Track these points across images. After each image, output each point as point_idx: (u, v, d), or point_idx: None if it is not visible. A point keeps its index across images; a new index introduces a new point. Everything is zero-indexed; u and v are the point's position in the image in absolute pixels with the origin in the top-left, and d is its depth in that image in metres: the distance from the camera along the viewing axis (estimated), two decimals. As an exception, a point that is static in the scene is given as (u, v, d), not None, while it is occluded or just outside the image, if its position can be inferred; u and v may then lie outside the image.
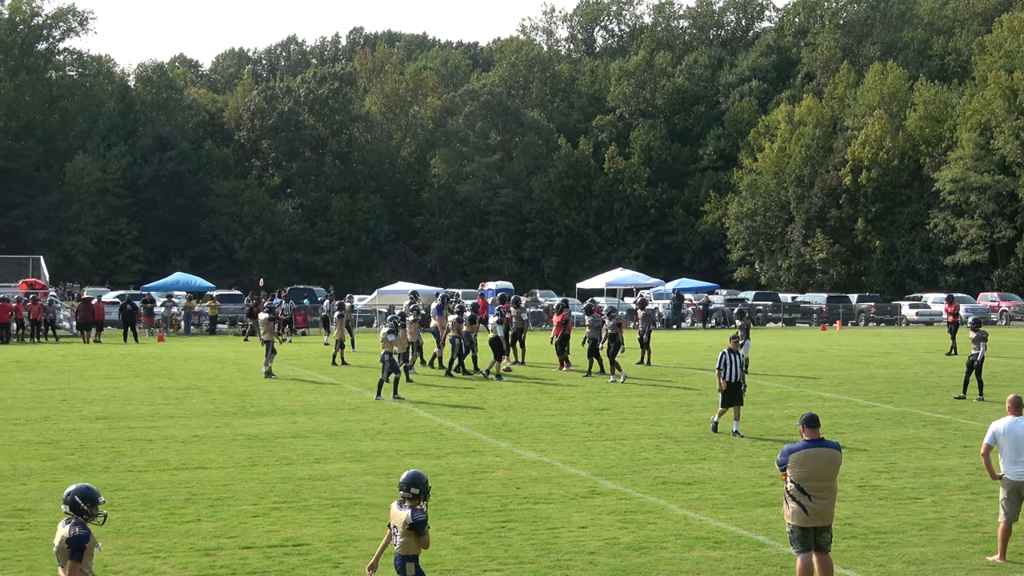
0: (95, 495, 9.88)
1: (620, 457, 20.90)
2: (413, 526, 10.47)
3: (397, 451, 21.37)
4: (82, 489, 9.87)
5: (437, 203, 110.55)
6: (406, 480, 10.66)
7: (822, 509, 12.27)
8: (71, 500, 9.81)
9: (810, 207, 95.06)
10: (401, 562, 10.62)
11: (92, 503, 9.84)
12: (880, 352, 46.85)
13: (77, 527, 9.67)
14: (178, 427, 24.32)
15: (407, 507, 10.62)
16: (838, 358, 43.94)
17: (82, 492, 9.84)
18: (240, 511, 16.34)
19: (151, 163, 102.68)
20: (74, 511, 9.80)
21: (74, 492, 9.84)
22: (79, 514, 9.80)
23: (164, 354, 44.70)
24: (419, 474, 10.76)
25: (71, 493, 9.84)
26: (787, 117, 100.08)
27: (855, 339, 56.82)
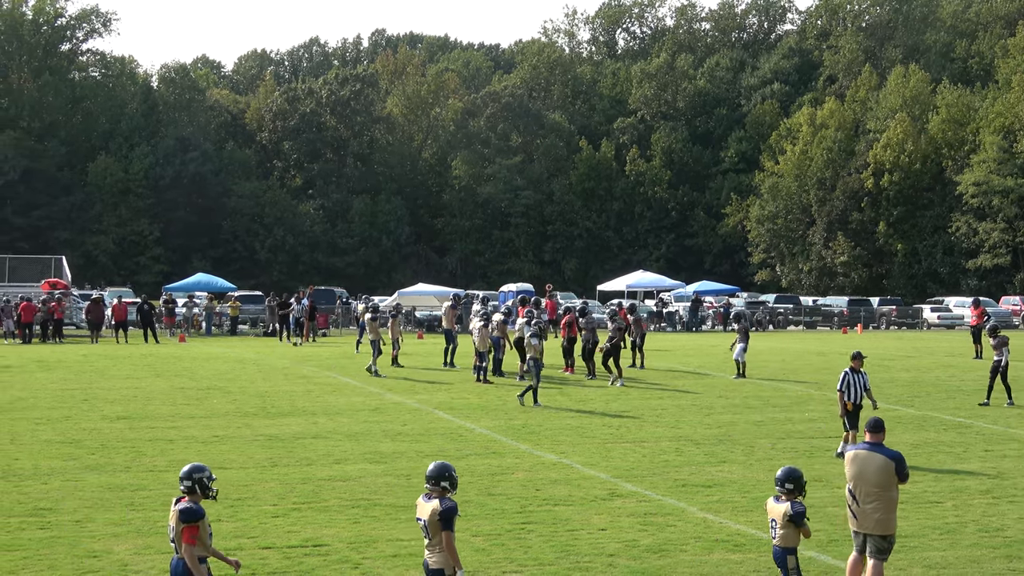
0: (210, 473, 10.26)
1: (640, 459, 20.87)
2: (442, 514, 10.36)
3: (417, 452, 21.37)
4: (202, 467, 10.22)
5: (458, 205, 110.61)
6: (433, 472, 10.55)
7: (868, 514, 12.23)
8: (199, 480, 10.11)
9: (831, 210, 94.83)
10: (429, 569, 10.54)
11: (211, 480, 10.22)
12: (901, 356, 46.67)
13: (192, 503, 9.99)
14: (199, 427, 24.38)
15: (434, 498, 10.53)
16: (859, 361, 43.78)
17: (208, 472, 10.21)
18: (260, 511, 16.37)
19: (173, 164, 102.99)
20: (201, 491, 10.13)
21: (196, 471, 10.16)
22: (204, 493, 10.12)
23: (185, 354, 44.81)
24: (446, 464, 10.62)
25: (192, 473, 10.13)
26: (809, 120, 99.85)
27: (876, 342, 56.63)
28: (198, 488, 10.09)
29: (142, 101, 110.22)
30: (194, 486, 10.08)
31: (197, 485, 10.09)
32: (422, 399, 29.98)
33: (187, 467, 10.24)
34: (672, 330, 67.29)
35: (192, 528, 9.84)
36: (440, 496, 10.31)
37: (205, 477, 10.13)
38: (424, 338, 56.27)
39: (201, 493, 10.10)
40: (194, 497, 10.05)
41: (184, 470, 10.19)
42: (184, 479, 10.12)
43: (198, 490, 10.09)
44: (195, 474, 10.12)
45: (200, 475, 10.12)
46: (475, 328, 34.98)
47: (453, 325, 40.59)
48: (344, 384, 33.71)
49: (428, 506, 10.32)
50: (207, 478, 10.14)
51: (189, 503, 9.97)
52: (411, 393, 31.36)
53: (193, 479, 10.10)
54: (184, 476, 10.13)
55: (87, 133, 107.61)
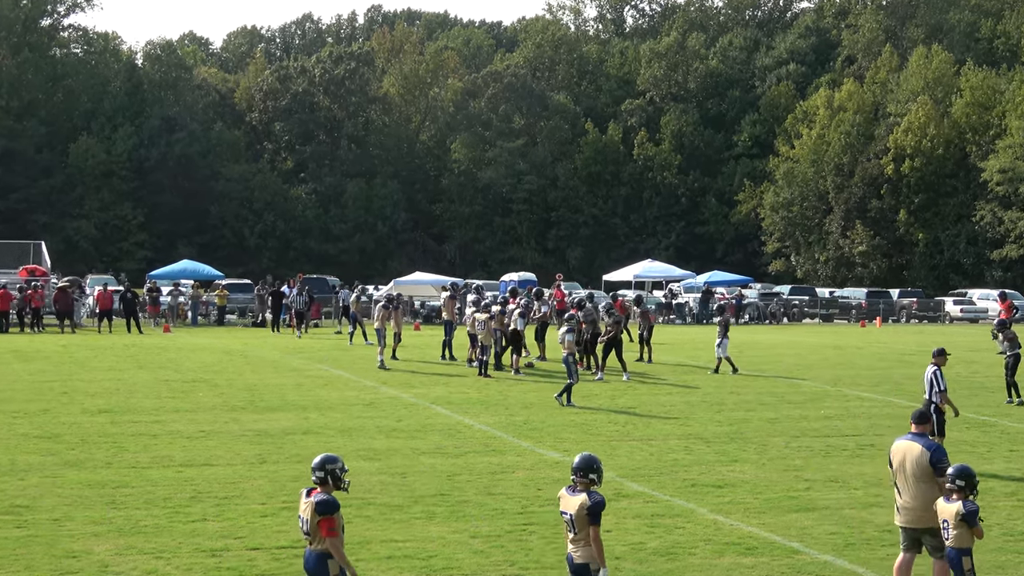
0: (343, 464, 10.41)
1: (647, 458, 20.86)
2: (591, 508, 10.38)
3: (413, 449, 21.37)
4: (335, 458, 10.37)
5: (457, 190, 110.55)
6: (580, 464, 10.61)
7: (910, 507, 12.31)
8: (332, 471, 10.25)
9: (849, 197, 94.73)
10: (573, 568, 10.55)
11: (343, 471, 10.37)
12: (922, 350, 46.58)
13: (326, 494, 10.12)
14: (184, 422, 24.38)
15: (581, 491, 10.55)
16: (877, 356, 43.81)
17: (341, 464, 10.34)
18: (248, 511, 16.36)
19: (158, 145, 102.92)
20: (333, 483, 10.26)
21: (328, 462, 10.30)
22: (336, 485, 10.26)
23: (170, 345, 44.81)
24: (593, 456, 10.72)
25: (325, 464, 10.28)
26: (826, 102, 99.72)
27: (896, 336, 56.62)
28: (330, 479, 10.26)
29: (126, 79, 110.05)
30: (326, 477, 10.25)
31: (329, 476, 10.26)
32: (419, 393, 29.98)
33: (319, 457, 10.40)
34: (681, 322, 67.24)
35: (330, 520, 10.02)
36: (587, 489, 10.50)
37: (338, 468, 10.30)
38: (421, 329, 56.28)
39: (333, 484, 10.27)
40: (326, 488, 10.22)
41: (316, 460, 10.34)
42: (316, 470, 10.28)
43: (330, 481, 10.26)
44: (328, 464, 10.29)
45: (333, 466, 10.28)
46: (478, 320, 34.96)
47: (453, 316, 40.62)
48: (336, 377, 33.72)
49: (575, 499, 10.50)
50: (340, 469, 10.31)
51: (324, 494, 10.12)
52: (407, 387, 31.37)
53: (326, 470, 10.27)
54: (316, 467, 10.30)
55: (68, 112, 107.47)
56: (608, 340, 34.64)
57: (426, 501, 16.97)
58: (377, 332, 37.11)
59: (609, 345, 34.72)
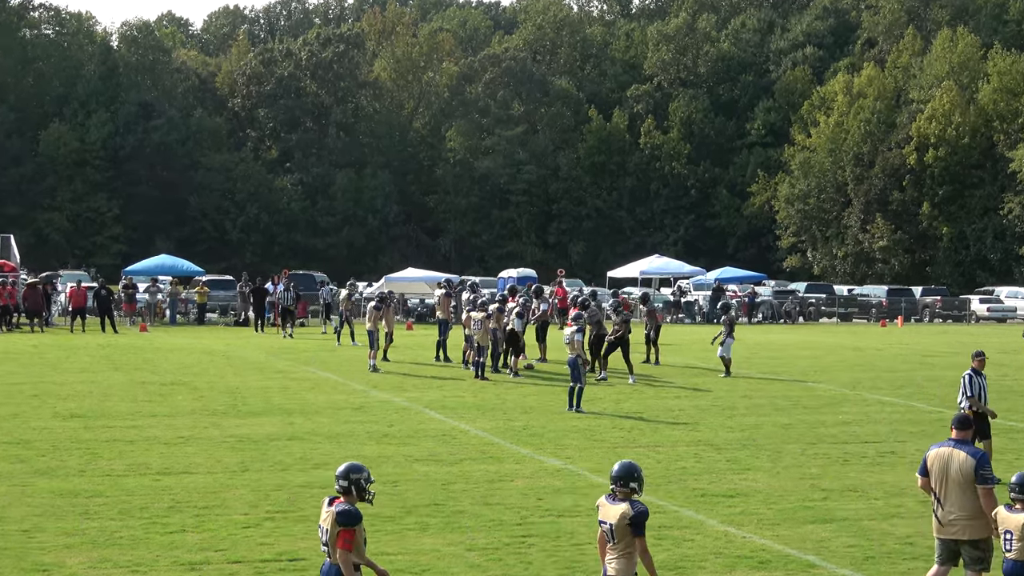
0: (369, 474, 10.38)
1: (654, 466, 20.85)
2: (633, 519, 10.43)
3: (405, 456, 21.36)
4: (360, 467, 10.33)
5: (452, 181, 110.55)
6: (620, 472, 10.73)
7: (952, 518, 12.29)
8: (356, 481, 10.22)
9: (870, 189, 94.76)
10: None
11: (368, 482, 10.33)
12: (946, 352, 46.65)
13: (349, 505, 10.10)
14: (161, 427, 24.36)
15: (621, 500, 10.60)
16: (899, 358, 43.80)
17: (366, 474, 10.31)
18: (229, 521, 16.35)
19: (135, 132, 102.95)
20: (358, 493, 10.24)
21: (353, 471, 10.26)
22: (360, 496, 10.24)
23: (147, 345, 44.79)
24: (633, 464, 10.83)
25: (349, 473, 10.25)
26: (845, 88, 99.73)
27: (918, 337, 56.63)
28: (354, 489, 10.25)
29: (100, 63, 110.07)
30: (350, 487, 10.24)
31: (354, 486, 10.24)
32: (411, 397, 29.97)
33: (344, 466, 10.38)
34: (691, 322, 67.29)
35: (348, 532, 9.99)
36: (628, 498, 10.59)
37: (363, 478, 10.28)
38: (414, 329, 56.26)
39: (357, 495, 10.26)
40: (349, 499, 10.20)
41: (340, 469, 10.33)
42: (340, 479, 10.26)
43: (354, 492, 10.25)
44: (352, 474, 10.27)
45: (358, 476, 10.27)
46: (473, 319, 34.93)
47: (449, 315, 40.60)
48: (324, 380, 33.70)
49: (616, 509, 10.58)
50: (365, 479, 10.29)
51: (347, 505, 10.11)
52: (399, 390, 31.36)
53: (350, 479, 10.25)
54: (340, 476, 10.28)
55: (39, 98, 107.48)
56: (616, 339, 34.62)
57: (419, 511, 16.97)
58: (369, 334, 37.01)
59: (615, 344, 34.70)
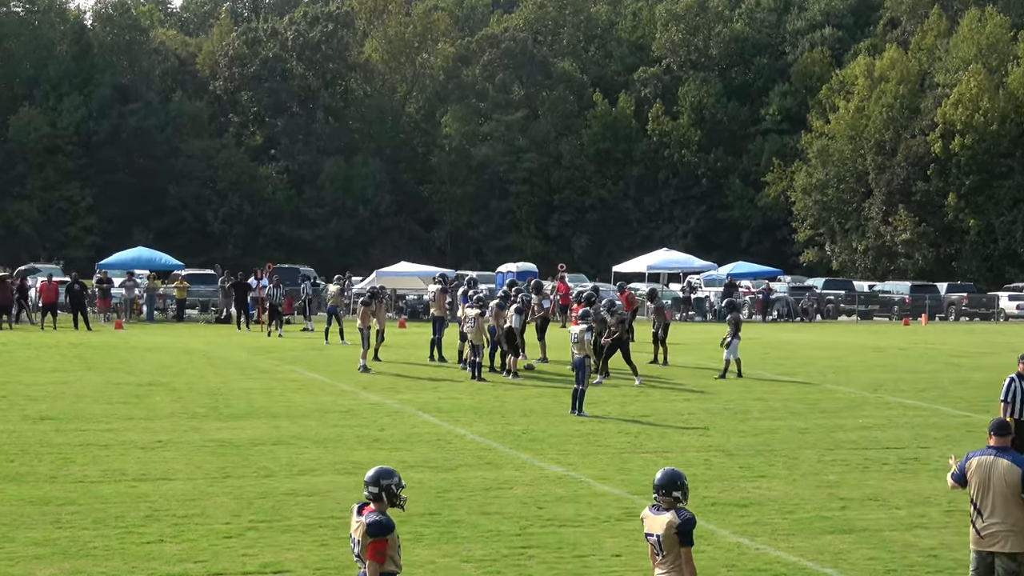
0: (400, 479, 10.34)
1: (662, 473, 20.83)
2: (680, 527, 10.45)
3: (398, 462, 21.33)
4: (391, 472, 10.32)
5: (448, 169, 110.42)
6: (663, 480, 10.74)
7: (994, 530, 12.29)
8: (387, 487, 10.20)
9: (892, 179, 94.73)
10: None
11: (399, 487, 10.31)
12: (974, 352, 46.65)
13: (379, 514, 10.06)
14: (138, 430, 24.36)
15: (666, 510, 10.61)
16: (923, 358, 43.79)
17: (397, 479, 10.29)
18: (210, 531, 16.35)
19: (110, 117, 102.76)
20: (388, 500, 10.23)
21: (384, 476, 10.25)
22: (391, 502, 10.23)
23: (122, 344, 44.78)
24: (677, 471, 10.87)
25: (379, 478, 10.23)
26: (866, 71, 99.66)
27: (944, 336, 56.62)
28: (385, 496, 10.21)
29: (73, 43, 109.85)
30: (381, 493, 10.20)
31: (384, 492, 10.21)
32: (404, 399, 29.97)
33: (374, 471, 10.33)
34: (701, 320, 67.29)
35: (379, 543, 9.96)
36: (672, 507, 10.62)
37: (394, 484, 10.24)
38: (407, 326, 56.25)
39: (388, 502, 10.23)
40: (380, 506, 10.17)
41: (370, 475, 10.27)
42: (370, 485, 10.22)
43: (385, 498, 10.21)
44: (383, 480, 10.23)
45: (389, 481, 10.22)
46: (468, 316, 34.93)
47: (444, 311, 40.58)
48: (311, 380, 33.70)
49: (661, 519, 10.58)
50: (396, 485, 10.25)
51: (377, 514, 10.07)
52: (391, 392, 31.36)
53: (380, 485, 10.21)
54: (370, 481, 10.24)
55: (8, 80, 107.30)
56: (613, 341, 34.56)
57: (413, 521, 16.95)
58: (361, 332, 36.98)
59: (614, 347, 34.66)
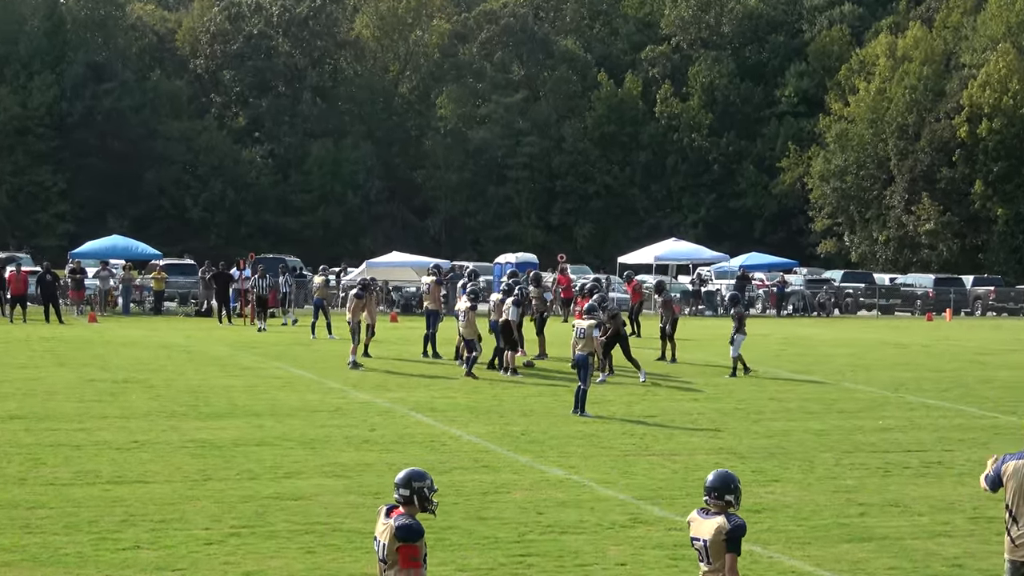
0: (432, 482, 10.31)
1: (670, 476, 20.87)
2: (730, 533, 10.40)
3: (388, 465, 21.35)
4: (423, 474, 10.27)
5: (443, 153, 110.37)
6: (716, 482, 10.70)
7: None
8: (419, 490, 10.16)
9: (915, 165, 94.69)
10: None
11: (432, 491, 10.27)
12: (1001, 349, 46.65)
13: (410, 518, 10.01)
14: (113, 430, 24.36)
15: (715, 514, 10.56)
16: (947, 356, 43.80)
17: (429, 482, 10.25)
18: (189, 537, 16.35)
19: (83, 97, 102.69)
20: (420, 503, 10.19)
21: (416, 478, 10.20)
22: (423, 506, 10.19)
23: (97, 338, 44.78)
24: (730, 474, 10.83)
25: (411, 480, 10.19)
26: (888, 51, 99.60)
27: (969, 332, 56.62)
28: (417, 500, 10.18)
29: (45, 18, 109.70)
30: (412, 496, 10.16)
31: (416, 496, 10.17)
32: (395, 398, 29.98)
33: (405, 473, 10.30)
34: (712, 314, 67.26)
35: (412, 548, 9.91)
36: (723, 511, 10.53)
37: (426, 487, 10.20)
38: (399, 321, 56.25)
39: (419, 506, 10.20)
40: (410, 509, 10.13)
41: (401, 476, 10.24)
42: (401, 487, 10.18)
43: (416, 501, 10.18)
44: (415, 482, 10.19)
45: (421, 484, 10.18)
46: (460, 309, 34.92)
47: (439, 305, 40.53)
48: (297, 378, 33.71)
49: (710, 523, 10.49)
50: (428, 488, 10.22)
51: (407, 517, 10.03)
52: (381, 390, 31.37)
53: (412, 487, 10.17)
54: (401, 483, 10.20)
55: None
56: (609, 338, 34.51)
57: (404, 527, 16.94)
58: (350, 327, 36.96)
59: (611, 343, 34.63)
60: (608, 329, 34.42)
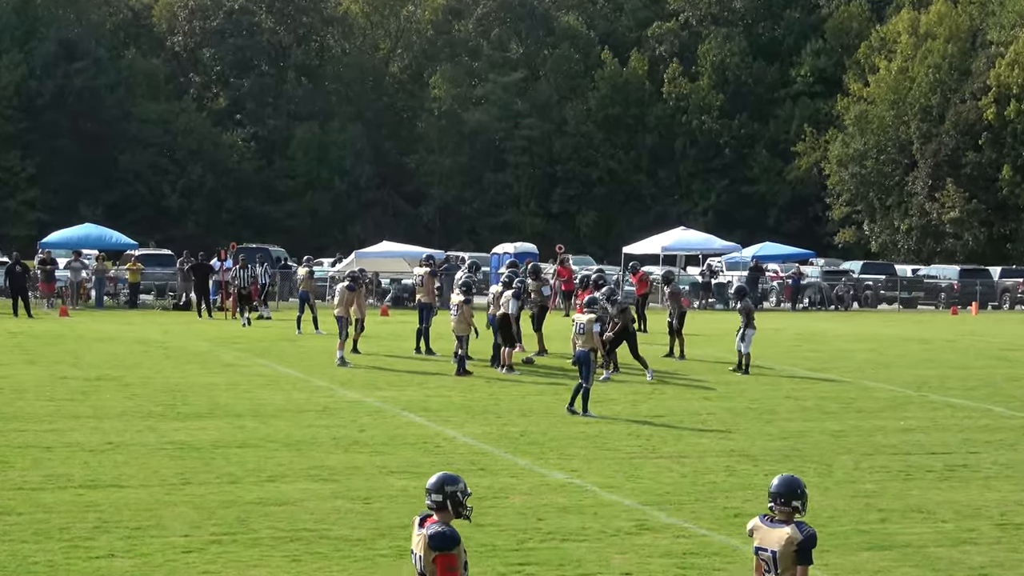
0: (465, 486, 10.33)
1: (678, 480, 20.86)
2: (802, 544, 10.37)
3: (379, 468, 21.35)
4: (456, 478, 10.30)
5: (437, 136, 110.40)
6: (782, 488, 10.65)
7: None
8: (452, 495, 10.20)
9: (939, 149, 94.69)
10: None
11: (465, 495, 10.29)
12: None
13: (444, 525, 10.04)
14: (86, 431, 24.35)
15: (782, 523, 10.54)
16: (973, 352, 43.80)
17: (463, 485, 10.27)
18: (167, 545, 16.34)
19: (54, 76, 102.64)
20: (453, 509, 10.20)
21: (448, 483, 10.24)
22: (457, 512, 10.21)
23: (68, 333, 44.78)
24: (795, 478, 10.75)
25: (444, 485, 10.23)
26: (910, 27, 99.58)
27: (996, 327, 56.64)
28: (450, 504, 10.20)
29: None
30: (445, 501, 10.18)
31: (449, 501, 10.19)
32: (386, 396, 29.97)
33: (436, 477, 10.32)
34: (723, 308, 67.27)
35: (449, 557, 9.92)
36: (790, 519, 10.50)
37: (459, 491, 10.22)
38: (389, 315, 56.25)
39: (453, 511, 10.21)
40: (443, 516, 10.15)
41: (432, 482, 10.26)
42: (433, 492, 10.21)
43: (449, 507, 10.20)
44: (447, 486, 10.21)
45: (454, 488, 10.20)
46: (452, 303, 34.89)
47: (433, 298, 40.49)
48: (281, 375, 33.70)
49: (778, 533, 10.47)
50: (462, 492, 10.23)
51: (440, 525, 10.05)
52: (371, 388, 31.36)
53: (445, 492, 10.19)
54: (433, 489, 10.22)
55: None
56: (616, 333, 34.52)
57: (395, 534, 16.94)
58: (338, 320, 36.99)
59: (618, 339, 34.63)
60: (616, 323, 34.43)
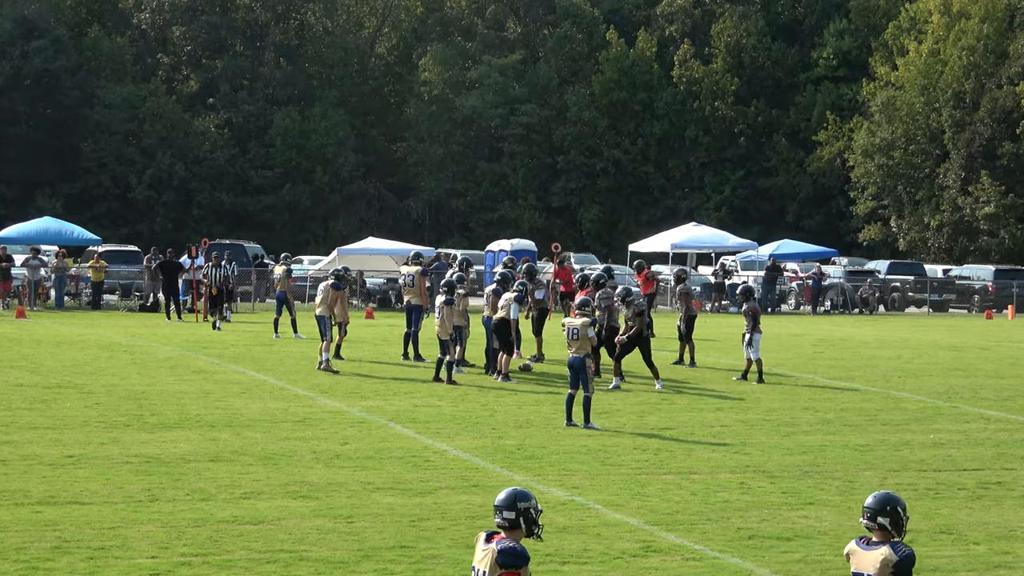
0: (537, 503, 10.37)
1: (688, 499, 20.90)
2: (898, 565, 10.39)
3: (362, 484, 21.37)
4: (528, 494, 10.34)
5: (427, 123, 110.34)
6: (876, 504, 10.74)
7: None
8: (525, 512, 10.25)
9: (973, 138, 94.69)
10: None
11: (538, 512, 10.34)
12: (1071, 353, 46.73)
13: (514, 543, 10.07)
14: (44, 443, 24.37)
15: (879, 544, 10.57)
16: (1008, 360, 43.83)
17: (535, 503, 10.31)
18: (132, 566, 16.37)
19: (10, 57, 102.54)
20: (526, 527, 10.26)
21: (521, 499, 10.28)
22: (529, 530, 10.27)
23: (25, 336, 44.79)
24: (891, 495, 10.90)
25: (516, 501, 10.27)
26: (942, 6, 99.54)
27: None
28: (523, 522, 10.26)
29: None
30: (518, 519, 10.24)
31: (522, 518, 10.25)
32: (371, 406, 30.01)
33: (507, 493, 10.37)
34: (737, 311, 67.29)
35: None
36: (887, 540, 10.56)
37: (532, 508, 10.28)
38: (375, 317, 56.26)
39: (525, 530, 10.27)
40: (514, 534, 10.20)
41: (502, 498, 10.30)
42: (504, 510, 10.26)
43: (523, 525, 10.25)
44: (520, 503, 10.26)
45: (527, 504, 10.26)
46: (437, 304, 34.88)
47: (424, 299, 40.48)
48: (258, 383, 33.72)
49: (874, 555, 10.52)
50: (535, 509, 10.30)
51: (511, 541, 10.09)
52: (355, 397, 31.38)
53: (517, 509, 10.24)
54: (505, 505, 10.27)
55: None
56: (629, 338, 34.55)
57: (381, 555, 16.99)
58: (319, 321, 37.01)
59: (630, 345, 34.65)
60: (631, 327, 34.45)
